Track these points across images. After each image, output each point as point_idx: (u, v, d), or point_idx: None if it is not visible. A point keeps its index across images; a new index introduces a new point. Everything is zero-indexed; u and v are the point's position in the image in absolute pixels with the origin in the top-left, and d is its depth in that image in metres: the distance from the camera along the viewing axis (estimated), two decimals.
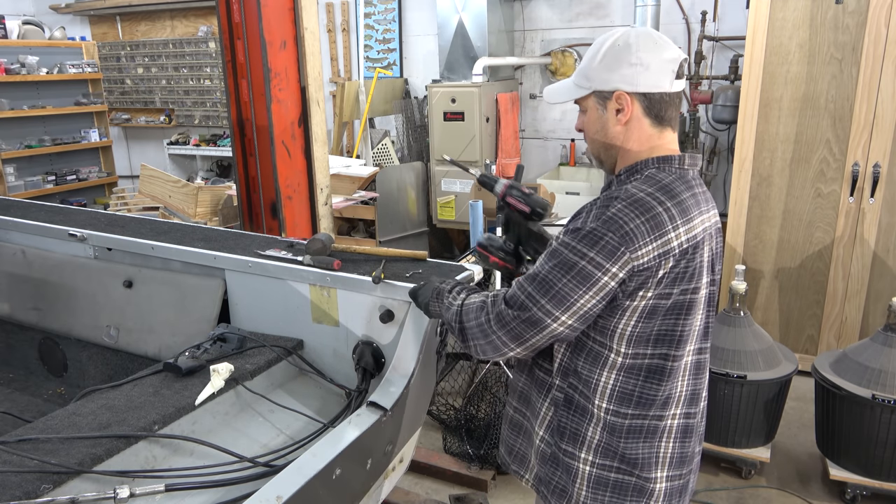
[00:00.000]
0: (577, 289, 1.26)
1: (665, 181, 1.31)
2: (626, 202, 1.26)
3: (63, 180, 6.86)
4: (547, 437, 1.46)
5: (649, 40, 1.32)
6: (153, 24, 7.24)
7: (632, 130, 1.36)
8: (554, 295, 1.27)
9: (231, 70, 2.98)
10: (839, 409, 2.74)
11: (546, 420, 1.46)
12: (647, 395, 1.36)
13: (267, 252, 2.14)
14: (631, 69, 1.31)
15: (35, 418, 1.69)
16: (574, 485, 1.41)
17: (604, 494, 1.40)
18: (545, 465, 1.47)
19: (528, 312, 1.30)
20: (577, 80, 1.41)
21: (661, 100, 1.33)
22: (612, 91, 1.34)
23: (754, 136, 3.74)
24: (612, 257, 1.24)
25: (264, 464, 1.56)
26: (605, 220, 1.25)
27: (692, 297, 1.32)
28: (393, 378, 1.78)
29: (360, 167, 4.91)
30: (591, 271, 1.25)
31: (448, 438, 3.10)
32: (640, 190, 1.29)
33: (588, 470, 1.40)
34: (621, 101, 1.34)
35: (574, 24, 5.27)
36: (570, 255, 1.27)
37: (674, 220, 1.27)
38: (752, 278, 3.88)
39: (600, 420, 1.38)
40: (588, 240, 1.25)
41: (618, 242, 1.23)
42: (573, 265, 1.26)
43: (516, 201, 1.68)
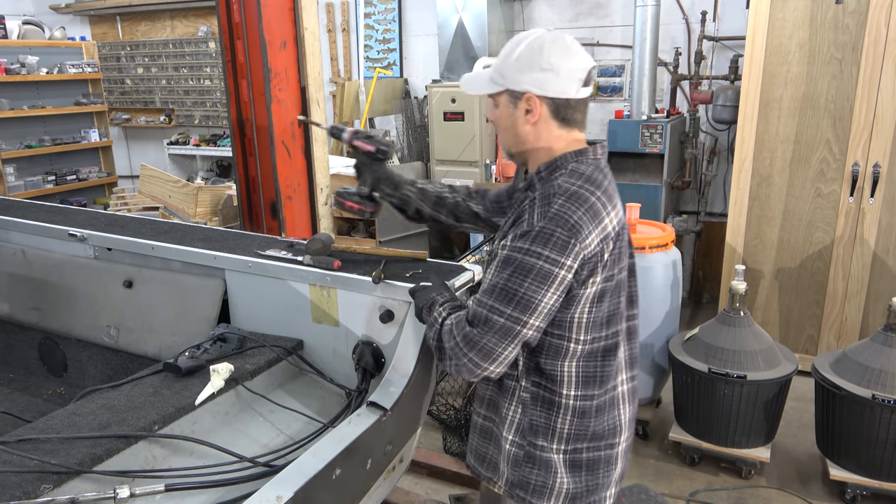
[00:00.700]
0: (539, 289, 1.32)
1: (587, 173, 1.41)
2: (564, 197, 1.35)
3: (63, 180, 6.86)
4: (518, 440, 1.50)
5: (562, 46, 1.39)
6: (153, 24, 7.24)
7: (540, 131, 1.44)
8: (518, 301, 1.32)
9: (231, 70, 2.98)
10: (839, 409, 2.74)
11: (515, 422, 1.50)
12: (607, 372, 1.47)
13: (267, 252, 2.14)
14: (542, 74, 1.38)
15: (35, 418, 1.69)
16: (555, 477, 1.48)
17: (580, 475, 1.49)
18: (519, 468, 1.50)
19: (495, 326, 1.34)
20: (493, 75, 1.47)
21: (568, 105, 1.41)
22: (523, 92, 1.41)
23: (754, 136, 3.74)
24: (564, 251, 1.31)
25: (264, 464, 1.56)
26: (551, 217, 1.32)
27: (624, 273, 1.45)
28: (393, 378, 1.78)
29: None
30: (549, 269, 1.31)
31: (448, 438, 3.10)
32: (572, 184, 1.37)
33: (563, 458, 1.47)
34: (530, 102, 1.41)
35: (574, 24, 5.27)
36: (526, 258, 1.32)
37: (605, 207, 1.38)
38: (752, 278, 3.88)
39: (569, 408, 1.45)
40: (540, 239, 1.31)
41: (567, 236, 1.31)
42: (531, 267, 1.31)
43: (362, 143, 1.87)
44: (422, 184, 1.87)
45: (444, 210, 1.85)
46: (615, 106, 5.10)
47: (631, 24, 4.66)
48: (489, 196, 1.83)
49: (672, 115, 4.57)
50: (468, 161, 4.97)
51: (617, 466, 1.53)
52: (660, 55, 4.57)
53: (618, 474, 1.55)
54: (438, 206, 1.85)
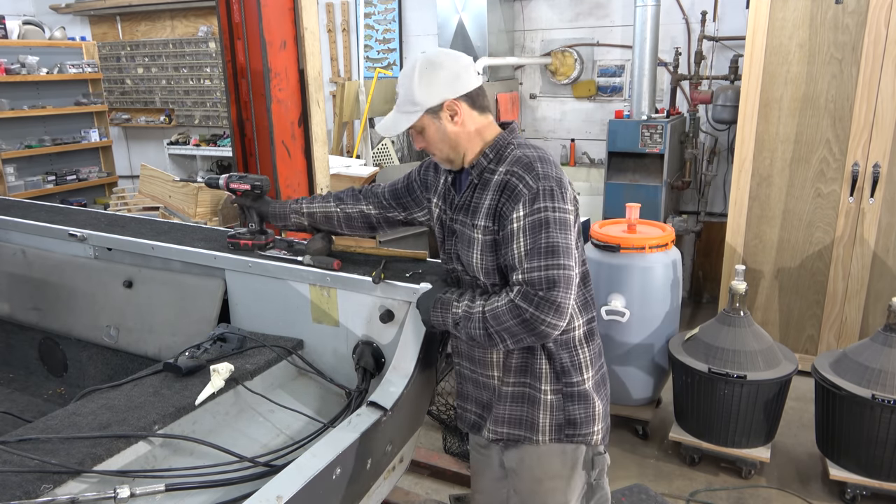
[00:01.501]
0: (569, 234, 1.51)
1: (530, 144, 1.63)
2: (539, 162, 1.55)
3: (63, 180, 6.86)
4: (554, 387, 1.66)
5: (447, 55, 1.60)
6: (153, 24, 7.24)
7: (468, 126, 1.61)
8: (563, 250, 1.49)
9: (231, 70, 2.98)
10: (839, 409, 2.74)
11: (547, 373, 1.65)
12: (591, 295, 1.70)
13: (267, 252, 2.14)
14: (446, 81, 1.57)
15: (35, 418, 1.69)
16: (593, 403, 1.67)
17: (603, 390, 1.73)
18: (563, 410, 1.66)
19: (560, 280, 1.47)
20: (404, 108, 1.61)
21: (478, 94, 1.62)
22: (441, 103, 1.58)
23: (754, 136, 3.74)
24: (564, 199, 1.53)
25: (264, 464, 1.56)
26: (542, 177, 1.52)
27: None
28: (393, 378, 1.78)
29: (360, 167, 4.90)
30: (565, 216, 1.52)
31: (448, 438, 3.10)
32: (533, 151, 1.58)
33: (592, 383, 1.68)
34: (452, 107, 1.59)
35: (574, 24, 5.27)
36: (547, 213, 1.50)
37: (557, 165, 1.60)
38: (752, 278, 3.88)
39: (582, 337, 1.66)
40: (547, 196, 1.50)
41: (559, 187, 1.53)
42: (555, 219, 1.50)
43: (237, 184, 2.12)
44: (308, 207, 2.04)
45: (336, 224, 2.02)
46: (615, 106, 5.10)
47: (631, 24, 4.66)
48: (384, 193, 1.95)
49: (672, 115, 4.57)
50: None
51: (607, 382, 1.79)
52: (660, 55, 4.58)
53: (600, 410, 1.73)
54: (330, 222, 2.02)
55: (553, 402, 1.65)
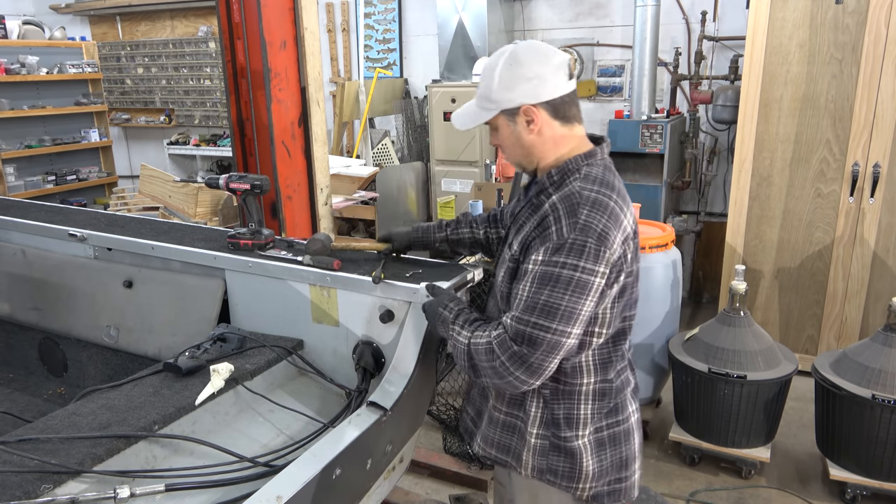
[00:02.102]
0: (580, 299, 1.35)
1: (600, 175, 1.45)
2: (588, 206, 1.38)
3: (63, 180, 6.86)
4: (542, 432, 1.55)
5: (537, 53, 1.44)
6: (153, 24, 7.24)
7: (545, 135, 1.48)
8: (562, 314, 1.35)
9: (231, 70, 2.98)
10: (839, 409, 2.74)
11: (538, 417, 1.55)
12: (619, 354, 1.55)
13: (267, 252, 2.14)
14: (529, 84, 1.43)
15: (35, 418, 1.69)
16: (581, 462, 1.53)
17: (605, 452, 1.55)
18: (546, 457, 1.56)
19: (542, 342, 1.36)
20: (480, 103, 1.51)
21: (563, 102, 1.46)
22: (518, 107, 1.45)
23: (754, 136, 3.74)
24: (598, 259, 1.35)
25: (264, 464, 1.56)
26: (580, 228, 1.36)
27: (637, 265, 1.51)
28: (393, 378, 1.78)
29: (360, 167, 4.91)
30: (586, 279, 1.35)
31: (448, 438, 3.10)
32: (591, 190, 1.41)
33: (587, 441, 1.53)
34: (529, 113, 1.45)
35: (574, 24, 5.27)
36: (563, 271, 1.35)
37: (622, 209, 1.42)
38: (752, 278, 3.88)
39: (589, 393, 1.52)
40: (575, 251, 1.35)
41: (597, 244, 1.35)
42: (569, 280, 1.34)
43: (238, 184, 2.13)
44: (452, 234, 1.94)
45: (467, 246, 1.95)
46: (615, 106, 5.10)
47: (631, 24, 4.66)
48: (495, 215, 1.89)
49: (672, 115, 4.57)
50: (468, 161, 4.97)
51: (635, 437, 1.60)
52: (660, 55, 4.57)
53: (637, 445, 1.61)
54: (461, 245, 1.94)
55: (538, 447, 1.55)
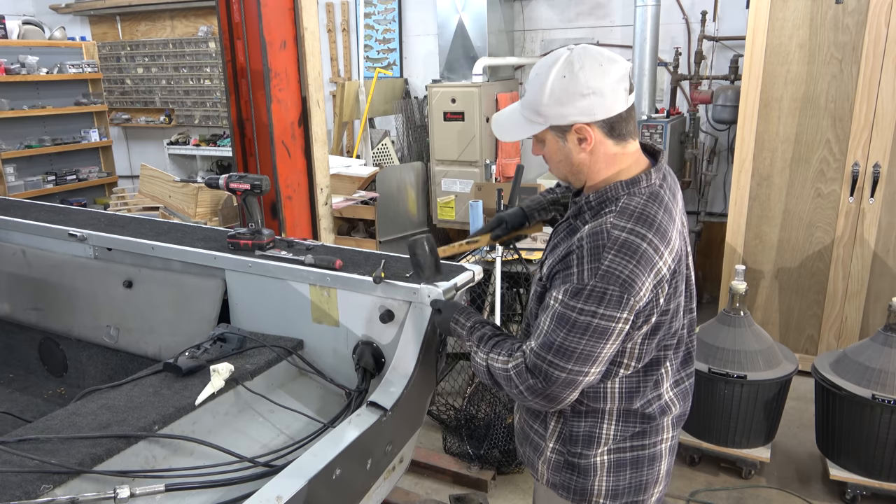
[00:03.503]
0: (598, 344, 1.29)
1: (639, 209, 1.31)
2: (615, 251, 1.26)
3: (63, 180, 6.86)
4: (558, 447, 1.50)
5: (594, 63, 1.28)
6: (153, 24, 7.24)
7: (597, 154, 1.35)
8: (578, 356, 1.29)
9: (231, 70, 2.98)
10: (839, 409, 2.74)
11: (556, 432, 1.50)
12: (649, 383, 1.44)
13: (267, 252, 2.14)
14: (585, 100, 1.28)
15: (35, 418, 1.69)
16: (595, 480, 1.47)
17: (623, 473, 1.47)
18: (559, 473, 1.51)
19: (558, 380, 1.31)
20: (527, 114, 1.37)
21: (620, 120, 1.32)
22: (570, 125, 1.32)
23: (754, 136, 3.74)
24: (619, 307, 1.26)
25: (264, 464, 1.56)
26: (602, 275, 1.26)
27: (680, 299, 1.40)
28: (393, 378, 1.78)
29: (360, 167, 4.91)
30: (606, 325, 1.27)
31: (448, 438, 3.10)
32: (622, 228, 1.28)
33: (605, 459, 1.46)
34: (582, 132, 1.32)
35: (574, 24, 5.27)
36: (581, 317, 1.27)
37: (658, 249, 1.29)
38: (752, 278, 3.88)
39: (612, 413, 1.44)
40: (593, 299, 1.26)
41: (620, 292, 1.25)
42: (587, 326, 1.27)
43: (238, 184, 2.16)
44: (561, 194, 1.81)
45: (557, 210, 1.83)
46: None
47: (631, 24, 4.66)
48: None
49: (672, 115, 4.57)
50: (468, 161, 4.97)
51: (662, 462, 1.51)
52: (660, 55, 4.57)
53: (664, 470, 1.52)
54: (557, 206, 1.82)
55: (552, 461, 1.51)
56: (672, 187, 1.43)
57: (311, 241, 2.28)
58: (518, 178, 2.99)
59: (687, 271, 1.45)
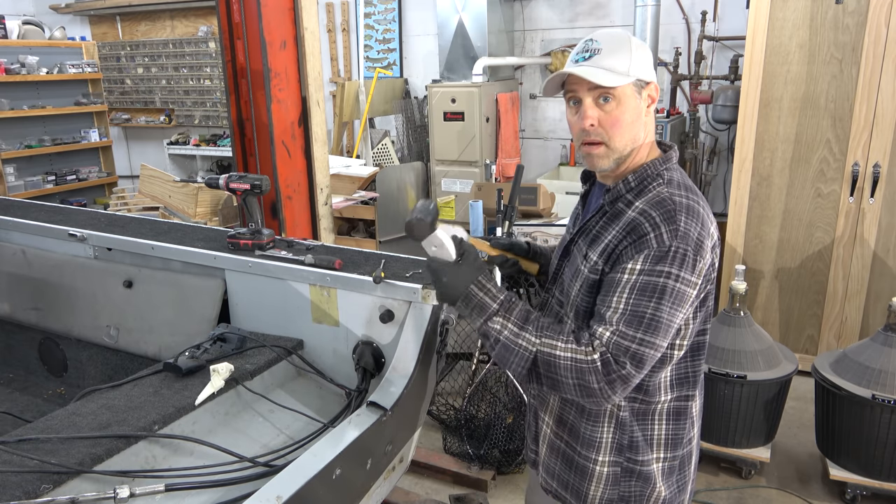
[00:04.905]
0: (677, 311, 1.28)
1: (683, 181, 1.38)
2: (685, 213, 1.29)
3: (63, 180, 6.86)
4: (615, 459, 1.43)
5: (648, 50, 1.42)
6: (153, 24, 7.24)
7: (649, 124, 1.42)
8: (665, 328, 1.27)
9: (231, 70, 2.98)
10: (839, 409, 2.74)
11: (611, 443, 1.43)
12: (697, 370, 1.46)
13: (267, 252, 2.14)
14: (649, 65, 1.38)
15: (35, 418, 1.69)
16: (653, 487, 1.45)
17: (673, 478, 1.47)
18: (618, 485, 1.44)
19: (646, 360, 1.27)
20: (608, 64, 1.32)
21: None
22: (650, 81, 1.38)
23: (754, 136, 3.74)
24: (694, 269, 1.28)
25: (264, 464, 1.56)
26: (681, 235, 1.26)
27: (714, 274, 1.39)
28: (393, 378, 1.78)
29: (360, 167, 4.91)
30: (684, 289, 1.27)
31: (448, 438, 3.10)
32: (682, 196, 1.33)
33: (663, 466, 1.45)
34: (654, 92, 1.39)
35: (574, 24, 5.27)
36: (669, 281, 1.25)
37: (710, 214, 1.36)
38: (752, 278, 3.88)
39: (664, 412, 1.43)
40: (677, 260, 1.26)
41: (694, 253, 1.27)
42: (673, 291, 1.26)
43: (238, 184, 2.17)
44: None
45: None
46: None
47: (631, 24, 4.66)
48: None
49: (672, 115, 4.57)
50: (468, 161, 4.97)
51: (694, 458, 1.53)
52: (660, 55, 4.58)
53: (694, 467, 1.54)
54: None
55: (609, 475, 1.43)
56: None
57: (311, 241, 2.28)
58: (518, 178, 3.00)
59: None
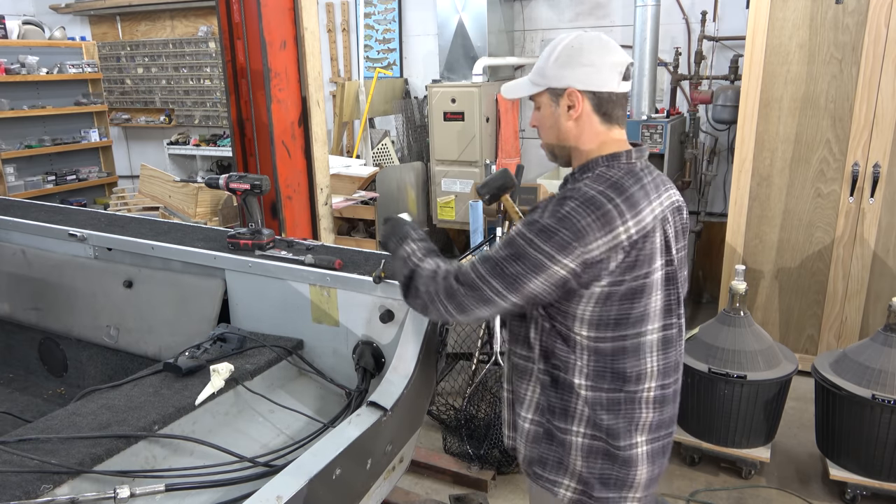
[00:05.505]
0: (528, 274, 1.35)
1: (614, 178, 1.40)
2: (579, 201, 1.35)
3: (63, 180, 6.85)
4: (537, 418, 1.53)
5: (599, 44, 1.43)
6: (153, 24, 7.24)
7: (583, 127, 1.45)
8: (506, 278, 1.37)
9: (231, 70, 2.98)
10: (839, 409, 2.74)
11: (533, 402, 1.53)
12: (619, 371, 1.45)
13: (267, 252, 2.14)
14: (582, 69, 1.42)
15: (35, 418, 1.69)
16: (569, 456, 1.49)
17: (596, 461, 1.49)
18: (539, 445, 1.53)
19: (477, 291, 1.40)
20: (532, 77, 1.50)
21: (609, 99, 1.44)
22: (565, 88, 1.43)
23: (754, 136, 3.74)
24: (563, 251, 1.33)
25: (264, 464, 1.56)
26: (559, 217, 1.34)
27: (644, 281, 1.40)
28: (393, 378, 1.78)
29: (360, 167, 4.91)
30: (543, 261, 1.34)
31: (448, 438, 3.10)
32: (592, 188, 1.37)
33: (581, 441, 1.48)
34: (573, 97, 1.43)
35: (574, 24, 5.27)
36: (526, 245, 1.35)
37: (623, 215, 1.35)
38: (752, 278, 3.88)
39: (581, 396, 1.47)
40: (543, 235, 1.34)
41: (570, 238, 1.32)
42: (526, 254, 1.35)
43: (238, 184, 2.18)
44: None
45: None
46: None
47: (631, 24, 4.65)
48: None
49: (672, 115, 4.57)
50: (468, 161, 4.97)
51: (638, 468, 1.49)
52: (660, 55, 4.57)
53: (642, 477, 1.50)
54: None
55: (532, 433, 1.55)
56: (657, 181, 1.47)
57: (311, 241, 2.28)
58: (518, 178, 3.00)
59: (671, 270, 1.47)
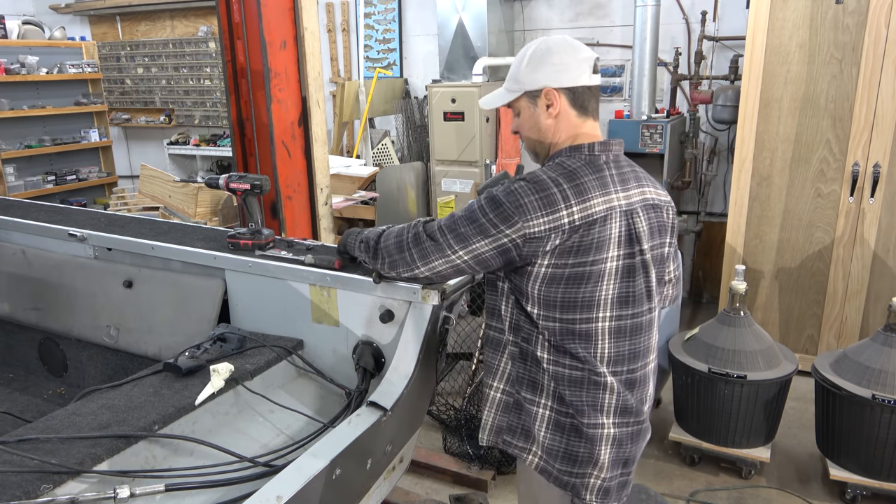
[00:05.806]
0: (475, 235, 1.50)
1: (571, 167, 1.51)
2: (527, 181, 1.48)
3: (63, 180, 6.85)
4: (507, 388, 1.63)
5: (566, 44, 1.56)
6: (153, 24, 7.24)
7: (560, 122, 1.57)
8: (457, 234, 1.52)
9: (231, 70, 2.98)
10: (839, 409, 2.74)
11: (505, 373, 1.63)
12: (571, 352, 1.53)
13: (267, 252, 2.14)
14: (554, 68, 1.54)
15: (35, 418, 1.69)
16: (535, 426, 1.59)
17: (562, 436, 1.56)
18: (508, 413, 1.63)
19: (436, 242, 1.55)
20: (508, 86, 1.62)
21: (584, 92, 1.56)
22: (541, 89, 1.55)
23: (754, 136, 3.74)
24: (506, 222, 1.46)
25: (264, 464, 1.56)
26: (507, 192, 1.48)
27: (590, 268, 1.48)
28: (393, 378, 1.78)
29: (360, 167, 4.90)
30: (488, 227, 1.48)
31: (448, 438, 3.10)
32: (546, 173, 1.49)
33: (547, 414, 1.57)
34: (549, 96, 1.55)
35: (574, 24, 5.27)
36: (477, 210, 1.51)
37: (567, 200, 1.45)
38: (752, 278, 3.88)
39: (546, 370, 1.56)
40: (491, 203, 1.49)
41: (512, 212, 1.45)
42: (476, 218, 1.50)
43: (238, 184, 2.19)
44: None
45: None
46: (615, 106, 5.10)
47: (631, 24, 4.66)
48: None
49: (672, 115, 4.57)
50: (468, 161, 4.97)
51: (603, 448, 1.54)
52: (660, 55, 4.57)
53: (608, 458, 1.55)
54: None
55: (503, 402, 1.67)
56: (626, 176, 1.55)
57: (311, 241, 2.28)
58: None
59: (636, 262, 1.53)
